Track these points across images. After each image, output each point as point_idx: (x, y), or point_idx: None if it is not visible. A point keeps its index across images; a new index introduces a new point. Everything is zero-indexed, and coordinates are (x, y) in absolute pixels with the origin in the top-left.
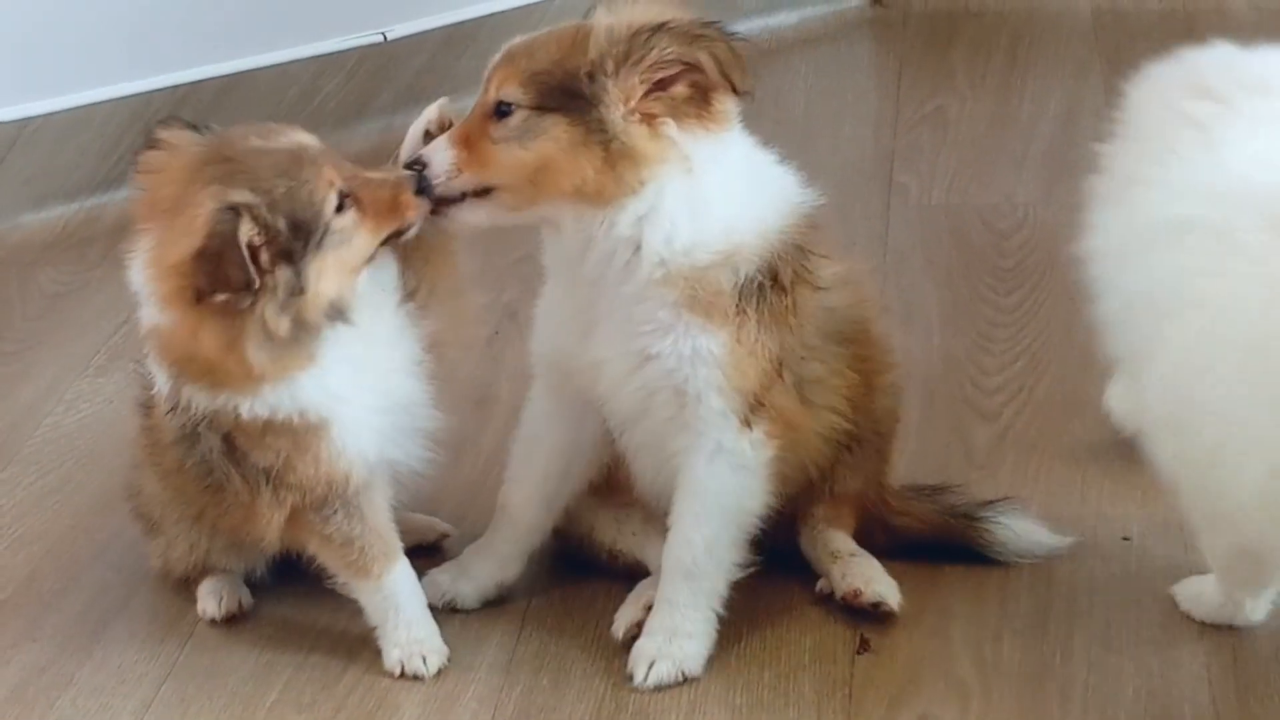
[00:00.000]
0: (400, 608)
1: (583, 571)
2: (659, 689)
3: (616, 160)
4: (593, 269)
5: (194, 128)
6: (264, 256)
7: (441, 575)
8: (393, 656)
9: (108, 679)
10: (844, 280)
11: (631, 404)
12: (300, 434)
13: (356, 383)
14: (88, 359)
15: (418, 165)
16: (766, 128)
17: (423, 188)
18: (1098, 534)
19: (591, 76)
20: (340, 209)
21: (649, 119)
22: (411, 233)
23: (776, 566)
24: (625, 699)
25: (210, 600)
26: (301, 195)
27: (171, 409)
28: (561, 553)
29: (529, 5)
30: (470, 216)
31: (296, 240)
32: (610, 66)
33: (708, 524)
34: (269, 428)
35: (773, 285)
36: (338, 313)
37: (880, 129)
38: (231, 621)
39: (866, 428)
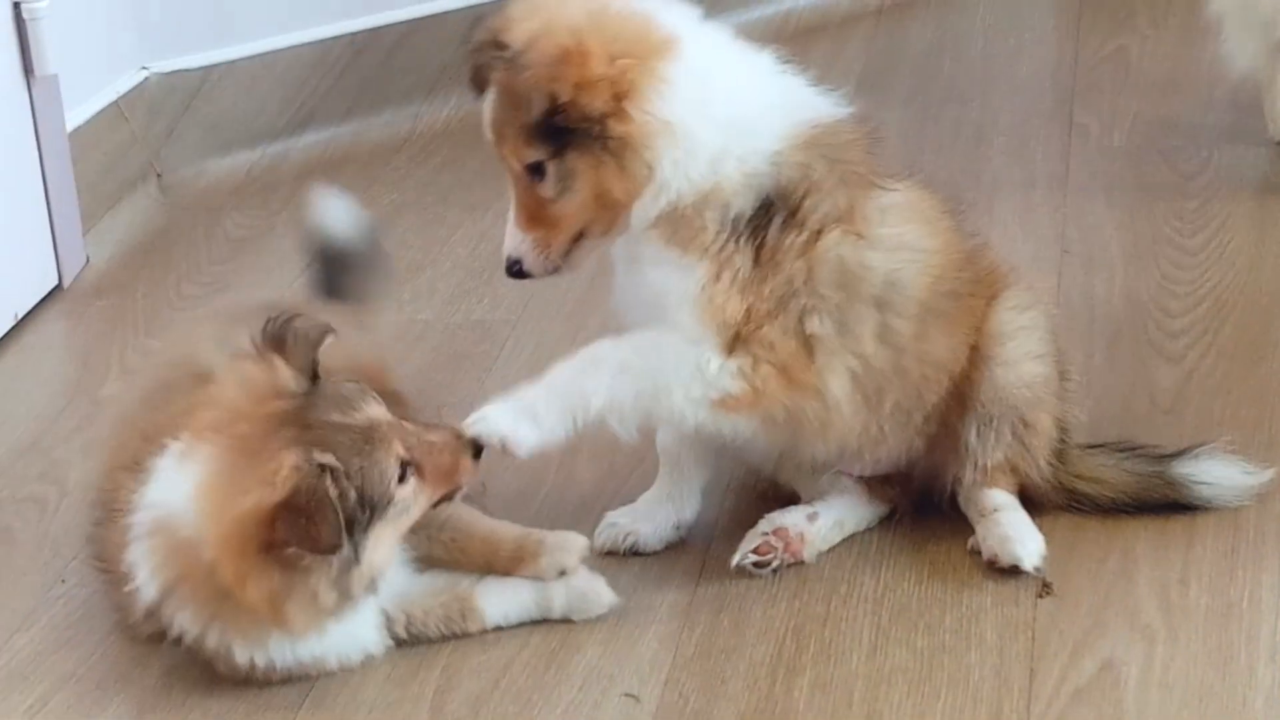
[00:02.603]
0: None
1: (761, 511)
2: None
3: (621, 157)
4: None
5: (307, 356)
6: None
7: (621, 517)
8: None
9: None
10: (904, 245)
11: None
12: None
13: (352, 632)
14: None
15: (514, 265)
16: (944, 68)
17: (479, 450)
18: None
19: (550, 113)
20: (402, 478)
21: (614, 114)
22: (459, 496)
23: (953, 511)
24: (806, 640)
25: None
26: (373, 475)
27: (146, 617)
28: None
29: None
30: (583, 259)
31: (361, 515)
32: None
33: (639, 366)
34: (253, 668)
35: (788, 219)
36: (373, 583)
37: (1060, 70)
38: None
39: (992, 406)
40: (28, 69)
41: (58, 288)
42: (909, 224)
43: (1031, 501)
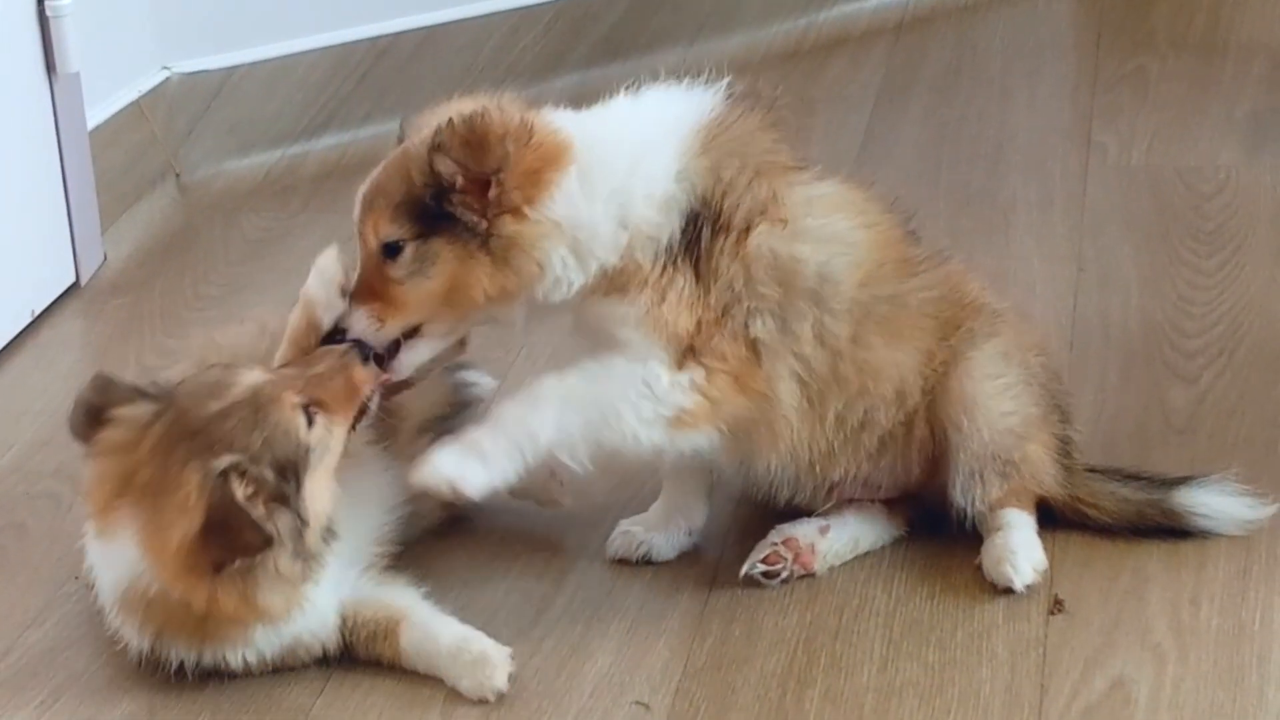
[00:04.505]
0: (438, 643)
1: (775, 523)
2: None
3: (505, 255)
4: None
5: (126, 390)
6: (259, 510)
7: (634, 526)
8: (463, 685)
9: None
10: (834, 237)
11: None
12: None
13: (336, 587)
14: (290, 304)
15: (339, 336)
16: (963, 85)
17: (367, 354)
18: None
19: (438, 199)
20: (310, 423)
21: (512, 211)
22: (373, 406)
23: (966, 527)
24: (818, 652)
25: None
26: (278, 438)
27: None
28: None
29: None
30: (414, 357)
31: (286, 481)
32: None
33: (586, 396)
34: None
35: (715, 224)
36: (329, 531)
37: (1079, 89)
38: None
39: (972, 462)
40: (50, 67)
41: (75, 285)
42: (837, 214)
43: (1050, 514)
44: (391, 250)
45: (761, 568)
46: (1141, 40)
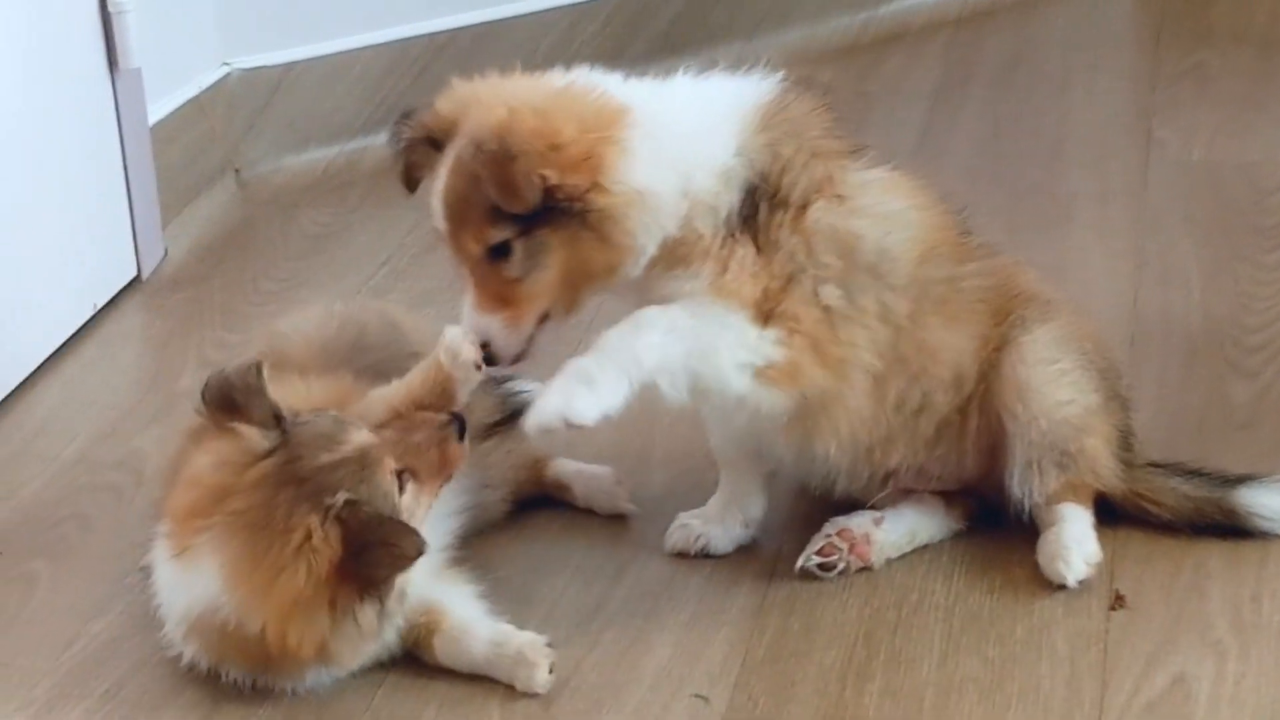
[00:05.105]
0: (472, 653)
1: (833, 515)
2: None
3: (602, 229)
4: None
5: (266, 409)
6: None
7: (692, 519)
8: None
9: None
10: (890, 214)
11: None
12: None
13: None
14: (348, 299)
15: (486, 348)
16: (1022, 79)
17: (463, 430)
18: None
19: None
20: (401, 489)
21: (593, 189)
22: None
23: (1026, 521)
24: (877, 647)
25: None
26: (377, 498)
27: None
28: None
29: None
30: (540, 339)
31: None
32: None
33: (688, 325)
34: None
35: (773, 199)
36: (403, 594)
37: (1138, 84)
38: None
39: (1030, 451)
40: (112, 62)
41: (136, 279)
42: (892, 195)
43: (1110, 509)
44: (499, 252)
45: (817, 560)
46: (1202, 35)
